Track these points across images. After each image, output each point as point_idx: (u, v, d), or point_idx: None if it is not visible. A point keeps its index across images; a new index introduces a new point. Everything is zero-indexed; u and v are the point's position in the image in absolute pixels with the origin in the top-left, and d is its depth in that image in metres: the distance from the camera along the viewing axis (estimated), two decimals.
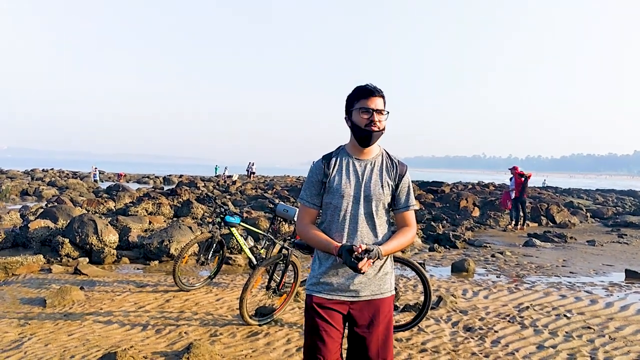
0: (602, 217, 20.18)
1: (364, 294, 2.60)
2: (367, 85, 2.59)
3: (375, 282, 2.62)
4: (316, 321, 2.57)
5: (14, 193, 24.84)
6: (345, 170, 2.63)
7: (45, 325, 5.28)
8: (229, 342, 4.87)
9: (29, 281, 7.15)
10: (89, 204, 15.89)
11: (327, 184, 2.64)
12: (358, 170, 2.64)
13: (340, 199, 2.60)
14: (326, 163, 2.67)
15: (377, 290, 2.62)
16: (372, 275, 2.60)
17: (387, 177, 2.65)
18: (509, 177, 16.58)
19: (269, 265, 5.65)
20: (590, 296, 7.11)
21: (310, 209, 2.69)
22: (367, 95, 2.57)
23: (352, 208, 2.59)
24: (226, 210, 7.05)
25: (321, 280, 2.61)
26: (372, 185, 2.61)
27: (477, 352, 4.78)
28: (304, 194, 2.70)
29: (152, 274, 8.03)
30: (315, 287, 2.63)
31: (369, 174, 2.63)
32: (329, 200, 2.64)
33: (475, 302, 6.63)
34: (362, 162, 2.65)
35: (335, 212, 2.61)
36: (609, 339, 5.29)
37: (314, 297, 2.61)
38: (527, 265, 9.62)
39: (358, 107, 2.58)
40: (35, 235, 9.12)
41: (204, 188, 30.35)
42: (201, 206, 15.54)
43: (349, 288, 2.58)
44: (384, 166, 2.67)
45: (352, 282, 2.58)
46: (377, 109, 2.56)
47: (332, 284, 2.59)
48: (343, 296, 2.59)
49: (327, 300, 2.59)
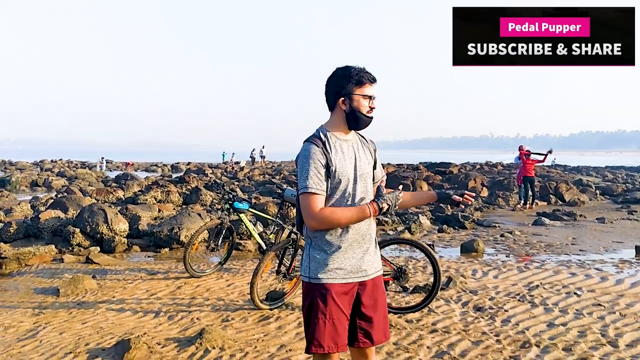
0: (611, 194, 20.06)
1: (371, 272, 2.63)
2: (366, 71, 2.60)
3: (376, 259, 2.69)
4: (332, 309, 2.52)
5: (24, 184, 25.04)
6: (340, 152, 2.59)
7: (59, 314, 5.35)
8: (241, 327, 4.91)
9: (41, 271, 7.24)
10: (98, 193, 15.98)
11: (332, 168, 2.54)
12: (349, 151, 2.63)
13: (342, 180, 2.56)
14: (323, 146, 2.55)
15: (378, 267, 2.69)
16: (374, 252, 2.67)
17: (368, 155, 2.70)
18: (516, 156, 16.48)
19: (278, 250, 5.68)
20: (600, 273, 7.10)
21: (321, 196, 2.52)
22: (371, 81, 2.60)
23: (352, 188, 2.58)
24: (234, 196, 7.07)
25: (332, 266, 2.55)
26: (363, 164, 2.65)
27: (487, 331, 4.80)
28: (309, 182, 2.49)
29: (162, 261, 8.10)
30: (327, 274, 2.54)
31: (358, 153, 2.65)
32: (334, 185, 2.56)
33: (485, 282, 6.64)
34: (349, 143, 2.64)
35: (341, 196, 2.56)
36: (620, 315, 5.30)
37: (331, 284, 2.53)
38: (536, 244, 9.61)
39: (361, 93, 2.57)
40: (46, 225, 9.20)
41: (212, 175, 30.43)
42: (210, 193, 15.59)
43: (361, 268, 2.59)
44: (361, 144, 2.70)
45: (362, 262, 2.60)
46: (375, 95, 2.63)
47: (346, 268, 2.56)
48: (356, 278, 2.58)
49: (341, 285, 2.55)
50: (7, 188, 22.40)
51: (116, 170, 43.76)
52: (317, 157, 2.52)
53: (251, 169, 37.53)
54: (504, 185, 19.40)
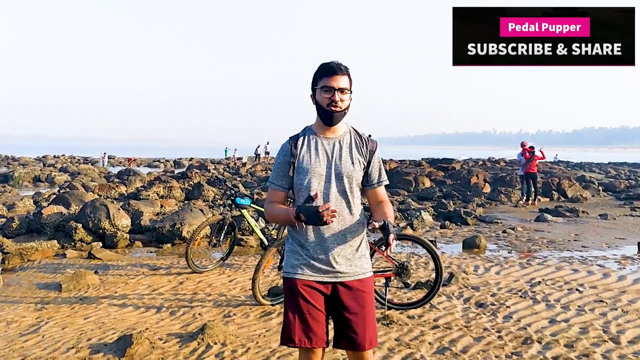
0: (614, 191, 20.01)
1: (349, 274, 2.57)
2: (331, 63, 2.54)
3: (356, 263, 2.59)
4: (299, 303, 2.53)
5: (27, 180, 25.10)
6: (314, 150, 2.60)
7: (61, 309, 5.36)
8: (243, 323, 4.92)
9: (44, 266, 7.25)
10: (101, 189, 16.00)
11: (296, 165, 2.60)
12: (327, 148, 2.60)
13: (311, 178, 2.56)
14: (293, 143, 2.63)
15: (360, 271, 2.60)
16: (352, 256, 2.58)
17: (357, 154, 2.62)
18: (519, 152, 16.46)
19: (280, 246, 5.67)
20: (602, 270, 7.09)
21: (277, 191, 2.65)
22: (329, 74, 2.52)
23: (324, 187, 2.55)
24: (236, 192, 7.07)
25: (302, 261, 2.57)
26: (342, 163, 2.58)
27: (489, 327, 4.79)
28: (271, 176, 2.68)
29: (165, 256, 8.11)
30: (295, 268, 2.58)
31: (339, 151, 2.60)
32: (299, 181, 2.60)
33: (487, 278, 6.64)
34: (330, 141, 2.62)
35: (307, 193, 2.56)
36: (622, 312, 5.29)
37: (297, 279, 2.55)
38: (538, 240, 9.60)
39: (320, 86, 2.54)
40: (48, 221, 9.21)
41: (214, 170, 30.47)
42: (212, 189, 15.60)
43: (332, 269, 2.55)
44: (353, 143, 2.64)
45: (336, 263, 2.55)
46: (340, 87, 2.52)
47: (313, 265, 2.55)
48: (327, 277, 2.55)
49: (309, 282, 2.55)
50: (9, 183, 22.47)
51: (119, 166, 43.81)
52: (283, 154, 2.64)
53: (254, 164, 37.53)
54: (506, 181, 19.38)
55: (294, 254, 2.60)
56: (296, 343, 2.52)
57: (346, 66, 2.57)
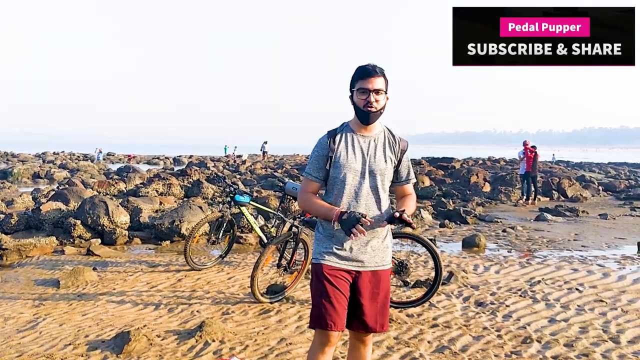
0: (614, 191, 20.01)
1: (369, 265, 2.71)
2: (367, 66, 2.67)
3: (379, 254, 2.74)
4: (326, 288, 2.65)
5: (26, 176, 25.08)
6: (350, 146, 2.74)
7: (59, 306, 5.34)
8: (241, 320, 4.90)
9: (42, 263, 7.23)
10: (100, 185, 15.98)
11: (333, 159, 2.74)
12: (362, 146, 2.74)
13: (347, 173, 2.70)
14: (332, 139, 2.76)
15: (380, 262, 2.74)
16: (377, 247, 2.73)
17: (389, 152, 2.77)
18: (520, 151, 16.44)
19: (279, 244, 5.66)
20: (602, 269, 7.07)
21: (313, 182, 2.78)
22: (365, 76, 2.65)
23: (357, 182, 2.70)
24: (236, 189, 7.05)
25: (330, 249, 2.70)
26: (376, 161, 2.73)
27: (488, 326, 4.77)
28: (308, 168, 2.81)
29: (163, 254, 8.09)
30: (323, 255, 2.71)
31: (374, 149, 2.75)
32: (335, 175, 2.74)
33: (487, 277, 6.62)
34: (366, 139, 2.76)
35: (342, 186, 2.71)
36: (622, 311, 5.27)
37: (323, 265, 2.69)
38: (538, 240, 9.58)
39: (357, 88, 2.67)
40: (47, 217, 9.19)
41: (213, 168, 30.44)
42: (211, 186, 15.58)
43: (357, 258, 2.69)
44: (387, 142, 2.78)
45: (359, 253, 2.69)
46: (375, 88, 2.64)
47: (339, 253, 2.69)
48: (350, 265, 2.69)
49: (335, 268, 2.68)
50: (9, 180, 22.43)
51: (118, 163, 43.77)
52: (321, 147, 2.77)
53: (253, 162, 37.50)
54: (506, 180, 19.35)
55: (323, 242, 2.74)
56: (322, 325, 2.61)
57: (382, 68, 2.69)
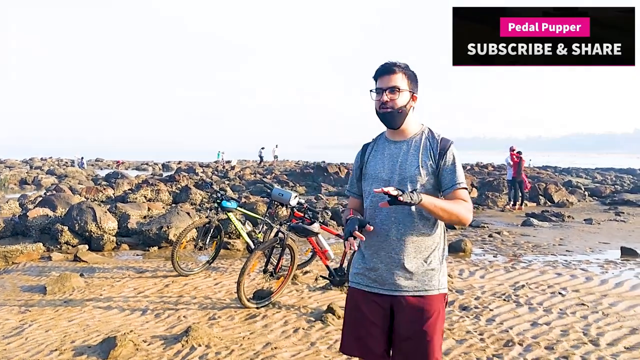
0: (599, 196, 20.24)
1: (404, 289, 2.40)
2: (382, 64, 2.44)
3: (418, 278, 2.40)
4: (353, 314, 2.49)
5: (13, 182, 24.89)
6: (380, 155, 2.52)
7: (45, 312, 5.34)
8: (227, 325, 4.93)
9: (29, 269, 7.21)
10: (88, 191, 15.91)
11: (363, 171, 2.56)
12: (393, 152, 2.48)
13: (373, 183, 2.46)
14: (364, 150, 2.62)
15: (421, 287, 2.39)
16: (414, 268, 2.40)
17: (424, 157, 2.43)
18: (506, 158, 16.63)
19: (265, 249, 5.70)
20: (585, 274, 7.17)
21: (351, 197, 2.67)
22: (377, 75, 2.45)
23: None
24: (222, 195, 7.09)
25: (361, 271, 2.50)
26: (406, 167, 2.43)
27: (471, 330, 4.84)
28: (348, 184, 2.72)
29: (151, 259, 8.09)
30: (353, 277, 2.54)
31: (404, 155, 2.45)
32: (365, 187, 2.54)
33: (472, 281, 6.70)
34: (398, 144, 2.49)
35: (372, 199, 2.46)
36: (602, 314, 5.37)
37: (352, 288, 2.53)
38: (524, 245, 9.69)
39: (372, 89, 2.46)
40: (34, 223, 9.16)
41: (202, 174, 30.37)
42: (200, 192, 15.56)
43: (389, 281, 2.41)
44: (423, 146, 2.46)
45: (392, 276, 2.40)
46: (389, 86, 2.40)
47: (369, 276, 2.46)
48: (382, 290, 2.43)
49: (365, 292, 2.47)
50: None
51: (107, 169, 43.54)
52: (355, 161, 2.67)
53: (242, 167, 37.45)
54: (493, 186, 19.49)
55: (356, 262, 2.56)
56: (347, 352, 2.51)
57: (400, 64, 2.44)
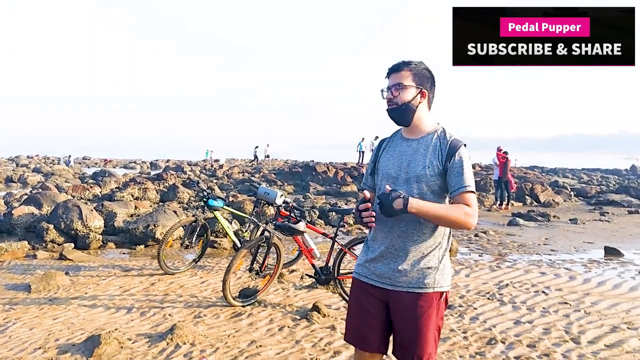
0: (585, 196, 20.43)
1: (399, 285, 2.44)
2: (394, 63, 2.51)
3: (414, 275, 2.43)
4: (353, 304, 2.58)
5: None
6: (392, 152, 2.56)
7: (30, 310, 5.31)
8: (213, 323, 4.94)
9: (13, 267, 7.17)
10: (74, 190, 15.81)
11: (377, 166, 2.62)
12: (404, 150, 2.51)
13: (383, 180, 2.53)
14: (380, 145, 2.67)
15: (415, 284, 2.42)
16: (410, 265, 2.43)
17: (432, 157, 2.43)
18: (493, 158, 16.76)
19: (251, 248, 5.71)
20: (569, 273, 7.26)
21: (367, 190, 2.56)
22: (387, 75, 2.53)
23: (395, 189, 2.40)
24: (209, 194, 7.09)
25: (363, 263, 2.58)
26: (413, 166, 2.45)
27: (455, 328, 4.89)
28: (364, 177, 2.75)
29: (137, 258, 8.07)
30: (356, 267, 2.63)
31: (413, 153, 2.47)
32: (377, 182, 2.60)
33: (457, 280, 6.75)
34: (410, 142, 2.52)
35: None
36: (584, 313, 5.44)
37: (356, 279, 2.60)
38: (509, 244, 9.78)
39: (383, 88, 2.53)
40: (19, 221, 9.10)
41: (190, 172, 30.27)
42: (187, 190, 15.53)
43: (385, 275, 2.47)
44: (433, 145, 2.46)
45: (389, 270, 2.46)
46: (393, 84, 2.47)
47: (370, 268, 2.52)
48: (379, 283, 2.49)
49: (365, 284, 2.54)
50: None
51: (94, 167, 43.25)
52: (372, 155, 2.70)
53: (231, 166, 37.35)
54: (480, 185, 19.63)
55: (361, 253, 2.64)
56: (348, 340, 2.59)
57: (410, 62, 2.48)
